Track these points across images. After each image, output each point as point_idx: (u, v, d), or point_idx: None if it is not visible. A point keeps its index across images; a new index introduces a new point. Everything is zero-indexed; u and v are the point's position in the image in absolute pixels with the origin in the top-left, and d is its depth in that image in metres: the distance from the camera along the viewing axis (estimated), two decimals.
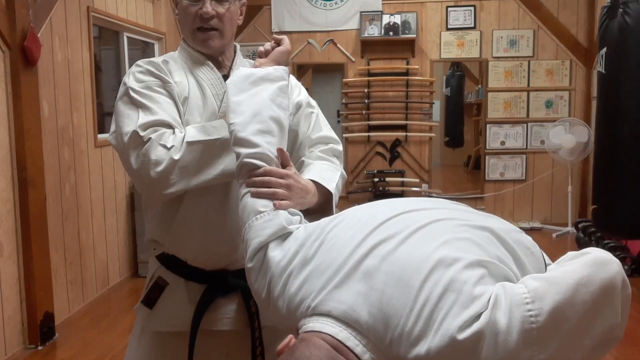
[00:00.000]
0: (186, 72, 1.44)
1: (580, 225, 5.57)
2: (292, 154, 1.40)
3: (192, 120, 1.38)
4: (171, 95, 1.38)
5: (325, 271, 0.93)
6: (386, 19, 6.49)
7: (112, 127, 1.40)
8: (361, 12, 6.53)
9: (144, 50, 5.61)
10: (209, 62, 1.46)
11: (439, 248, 0.90)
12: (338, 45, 6.64)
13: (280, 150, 1.22)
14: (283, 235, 1.07)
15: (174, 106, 1.37)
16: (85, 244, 4.21)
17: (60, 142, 3.89)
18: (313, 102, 1.55)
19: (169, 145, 1.28)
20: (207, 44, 1.43)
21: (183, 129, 1.34)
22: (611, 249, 4.83)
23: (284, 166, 1.22)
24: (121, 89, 1.38)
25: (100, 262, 4.45)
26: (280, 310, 0.99)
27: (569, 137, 5.94)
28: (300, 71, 6.98)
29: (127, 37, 5.04)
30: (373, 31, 6.52)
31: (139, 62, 1.42)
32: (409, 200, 1.11)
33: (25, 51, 3.37)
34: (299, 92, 1.53)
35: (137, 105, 1.33)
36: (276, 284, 1.00)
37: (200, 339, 1.40)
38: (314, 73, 7.29)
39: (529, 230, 6.30)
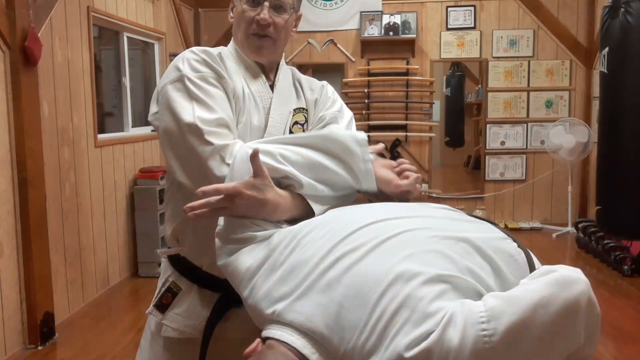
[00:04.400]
0: (239, 74, 1.40)
1: (580, 225, 5.57)
2: None
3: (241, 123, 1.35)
4: (226, 92, 1.33)
5: (292, 280, 0.95)
6: (386, 19, 6.49)
7: (155, 109, 1.35)
8: (361, 12, 6.53)
9: (144, 50, 5.61)
10: (262, 74, 1.43)
11: (401, 262, 0.89)
12: (338, 45, 6.64)
13: (253, 155, 1.10)
14: (255, 242, 1.09)
15: (228, 103, 1.33)
16: (85, 244, 4.21)
17: (60, 142, 3.89)
18: (345, 114, 1.50)
19: (227, 161, 1.22)
20: (261, 51, 1.40)
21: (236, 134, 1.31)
22: (611, 249, 4.83)
23: (255, 174, 1.13)
24: (172, 73, 1.33)
25: (100, 262, 4.45)
26: (248, 308, 1.03)
27: (569, 137, 5.94)
28: (300, 71, 6.96)
29: (127, 37, 5.04)
30: (373, 31, 6.52)
31: (193, 49, 1.37)
32: (387, 207, 1.11)
33: (26, 51, 3.37)
34: (328, 107, 1.49)
35: (193, 97, 1.28)
36: (245, 286, 1.03)
37: (211, 345, 1.39)
38: (314, 73, 7.27)
39: (528, 231, 6.31)
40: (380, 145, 1.36)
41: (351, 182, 1.26)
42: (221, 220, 1.16)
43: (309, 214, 1.18)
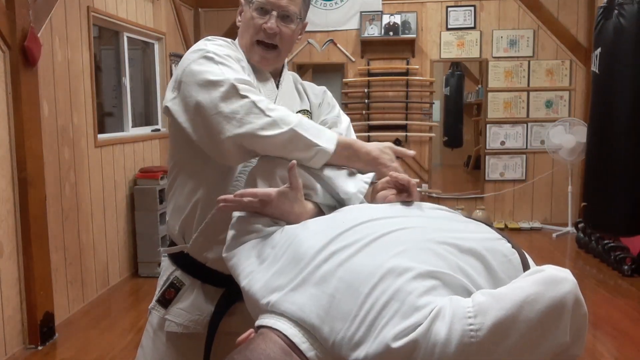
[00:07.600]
0: (247, 69, 1.41)
1: (580, 225, 5.57)
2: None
3: None
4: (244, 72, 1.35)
5: (288, 273, 0.98)
6: (386, 19, 6.49)
7: (172, 95, 1.32)
8: (361, 12, 6.53)
9: (144, 50, 5.61)
10: (270, 76, 1.45)
11: (393, 257, 0.91)
12: (338, 45, 6.64)
13: (290, 168, 1.15)
14: (262, 236, 1.14)
15: None
16: (85, 244, 4.21)
17: (60, 142, 3.89)
18: (344, 120, 1.54)
19: (268, 114, 1.22)
20: (266, 61, 1.42)
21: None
22: (611, 249, 4.83)
23: (291, 185, 1.18)
24: (194, 55, 1.31)
25: (100, 262, 4.45)
26: (245, 297, 1.07)
27: (569, 137, 5.94)
28: (300, 71, 6.97)
29: (127, 37, 5.04)
30: (373, 31, 6.52)
31: (209, 37, 1.39)
32: (383, 207, 1.13)
33: (25, 51, 3.37)
34: (329, 111, 1.54)
35: (219, 62, 1.28)
36: (244, 277, 1.07)
37: (215, 340, 1.39)
38: (314, 73, 7.28)
39: (528, 231, 6.31)
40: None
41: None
42: (236, 214, 1.20)
43: None
